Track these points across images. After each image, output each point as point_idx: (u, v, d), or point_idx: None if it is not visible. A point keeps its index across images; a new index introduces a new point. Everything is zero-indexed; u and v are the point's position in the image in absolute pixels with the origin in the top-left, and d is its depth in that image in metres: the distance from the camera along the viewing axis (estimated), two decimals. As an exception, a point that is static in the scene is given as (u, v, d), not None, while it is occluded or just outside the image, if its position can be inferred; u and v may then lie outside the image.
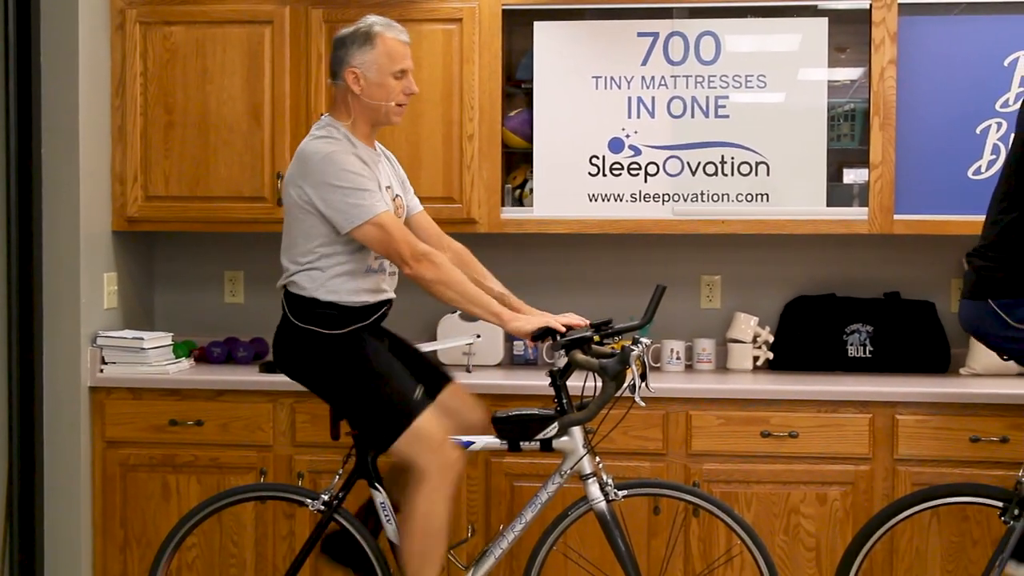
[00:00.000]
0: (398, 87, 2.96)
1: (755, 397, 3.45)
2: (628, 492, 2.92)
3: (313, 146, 2.91)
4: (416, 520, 2.86)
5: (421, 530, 2.86)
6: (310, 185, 2.87)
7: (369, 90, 2.95)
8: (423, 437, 2.85)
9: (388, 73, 2.94)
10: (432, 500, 2.85)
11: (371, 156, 2.99)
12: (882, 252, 3.95)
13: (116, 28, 3.80)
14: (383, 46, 2.93)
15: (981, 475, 3.30)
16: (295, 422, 3.57)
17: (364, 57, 2.94)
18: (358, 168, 2.86)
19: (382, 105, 2.95)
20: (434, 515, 2.86)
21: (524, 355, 4.03)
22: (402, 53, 2.96)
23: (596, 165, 3.74)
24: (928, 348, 3.83)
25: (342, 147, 2.89)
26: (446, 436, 2.90)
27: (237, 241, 4.16)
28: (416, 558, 2.88)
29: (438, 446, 2.86)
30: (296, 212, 2.93)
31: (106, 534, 3.66)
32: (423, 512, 2.85)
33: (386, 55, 2.93)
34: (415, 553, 2.88)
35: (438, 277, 2.85)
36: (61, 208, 3.60)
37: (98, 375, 3.65)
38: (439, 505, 2.86)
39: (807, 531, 3.43)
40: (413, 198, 3.21)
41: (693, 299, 4.05)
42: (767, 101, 3.69)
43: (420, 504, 2.85)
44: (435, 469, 2.84)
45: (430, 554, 2.88)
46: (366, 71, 2.94)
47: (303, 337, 2.94)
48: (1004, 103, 3.61)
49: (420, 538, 2.87)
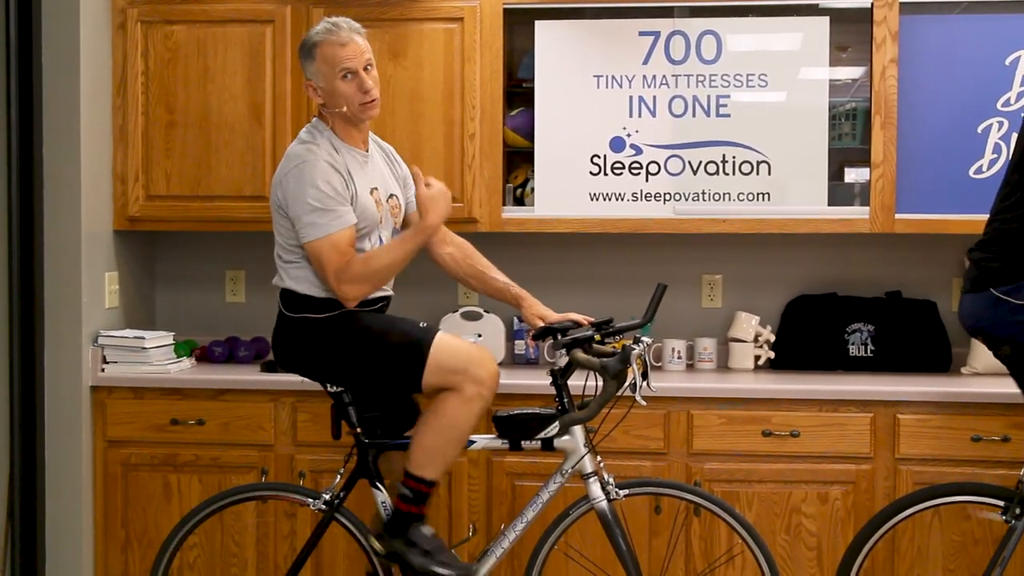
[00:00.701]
0: (351, 88, 2.92)
1: (756, 396, 3.45)
2: (629, 491, 2.92)
3: (294, 151, 2.93)
4: (438, 418, 2.84)
5: (437, 428, 2.84)
6: (280, 190, 2.91)
7: (327, 98, 2.95)
8: (448, 357, 2.84)
9: (334, 78, 2.91)
10: (460, 409, 2.83)
11: (355, 159, 2.97)
12: (883, 251, 3.95)
13: (117, 27, 3.80)
14: (320, 54, 2.92)
15: (982, 474, 3.30)
16: (296, 421, 3.57)
17: (310, 68, 2.96)
18: (323, 184, 2.84)
19: (344, 110, 2.94)
20: (459, 422, 2.84)
21: (525, 354, 4.03)
22: (340, 55, 2.91)
23: (597, 164, 3.74)
24: (929, 347, 3.83)
25: (318, 155, 2.88)
26: (471, 349, 2.89)
27: (238, 240, 4.16)
28: (425, 451, 2.85)
29: (467, 360, 2.84)
30: (278, 213, 2.96)
31: (107, 534, 3.66)
32: (448, 416, 2.83)
33: (324, 62, 2.92)
34: (427, 446, 2.85)
35: (360, 277, 2.83)
36: (62, 207, 3.60)
37: (99, 374, 3.65)
38: (466, 414, 2.83)
39: (808, 530, 3.43)
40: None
41: (694, 298, 4.05)
42: (768, 100, 3.69)
43: (448, 408, 2.83)
44: (471, 380, 2.82)
45: (441, 453, 2.85)
46: (317, 81, 2.95)
47: (298, 327, 2.94)
48: (1005, 102, 3.61)
49: (435, 434, 2.85)
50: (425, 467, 2.85)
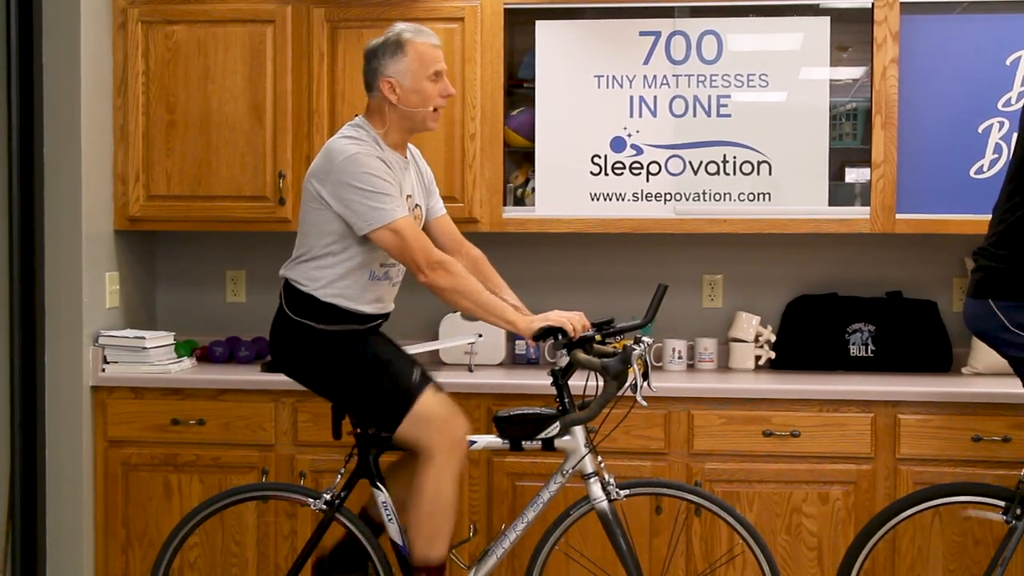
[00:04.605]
0: (435, 91, 2.95)
1: (757, 396, 3.45)
2: (630, 491, 2.92)
3: (339, 144, 2.91)
4: (424, 501, 2.86)
5: (428, 511, 2.86)
6: (330, 183, 2.87)
7: (406, 97, 2.94)
8: (426, 418, 2.86)
9: (423, 78, 2.93)
10: (439, 480, 2.85)
11: (398, 162, 2.98)
12: (884, 251, 3.95)
13: (118, 27, 3.80)
14: (414, 51, 2.93)
15: (983, 475, 3.30)
16: (297, 421, 3.57)
17: (398, 66, 2.94)
18: (380, 171, 2.86)
19: (419, 111, 2.95)
20: (442, 495, 2.86)
21: (526, 354, 4.03)
22: (434, 56, 2.95)
23: (598, 164, 3.74)
24: (930, 347, 3.83)
25: (367, 149, 2.89)
26: (450, 414, 2.90)
27: (239, 240, 4.16)
28: (424, 539, 2.88)
29: (443, 425, 2.86)
30: (311, 203, 2.94)
31: (108, 533, 3.66)
32: (431, 492, 2.85)
33: (418, 60, 2.93)
34: (423, 534, 2.88)
35: (453, 286, 2.85)
36: (63, 207, 3.60)
37: (100, 374, 3.65)
38: (446, 484, 2.86)
39: (809, 530, 3.43)
40: (437, 201, 3.21)
41: (695, 298, 4.05)
42: (769, 100, 3.69)
43: (428, 484, 2.85)
44: (441, 448, 2.85)
45: (438, 533, 2.88)
46: (401, 79, 2.94)
47: (297, 331, 2.94)
48: (1006, 102, 3.60)
49: (428, 519, 2.87)
50: (430, 550, 2.89)
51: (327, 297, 2.93)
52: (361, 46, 3.08)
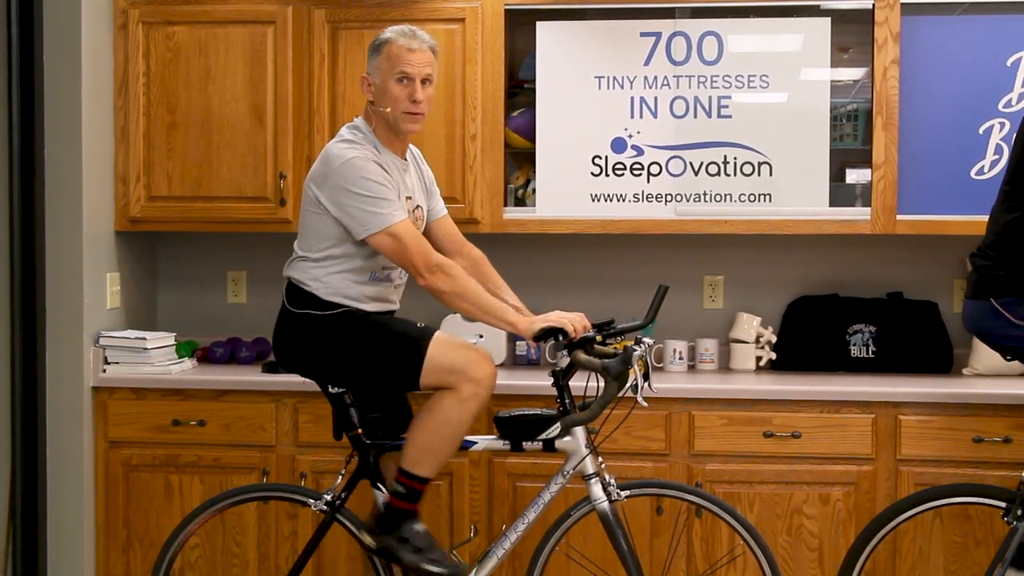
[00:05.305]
0: (402, 93, 2.91)
1: (758, 397, 3.45)
2: (631, 492, 2.92)
3: (336, 148, 2.91)
4: (433, 416, 2.84)
5: (432, 426, 2.84)
6: (327, 188, 2.88)
7: (377, 97, 2.95)
8: (442, 360, 2.83)
9: (390, 78, 2.92)
10: (454, 407, 2.82)
11: (395, 164, 2.98)
12: (885, 252, 3.95)
13: (119, 28, 3.80)
14: (387, 51, 2.93)
15: (984, 475, 3.30)
16: (298, 422, 3.57)
17: (373, 63, 2.96)
18: (377, 175, 2.85)
19: (388, 112, 2.93)
20: (454, 420, 2.83)
21: (527, 355, 4.03)
22: (404, 58, 2.91)
23: (599, 165, 3.74)
24: (931, 348, 3.83)
25: (364, 152, 2.88)
26: (468, 349, 2.88)
27: (240, 241, 4.16)
28: (419, 448, 2.85)
29: (462, 363, 2.83)
30: (310, 207, 2.94)
31: (109, 534, 3.66)
32: (444, 414, 2.82)
33: (388, 60, 2.92)
34: (421, 443, 2.85)
35: (452, 288, 2.84)
36: (64, 208, 3.60)
37: (101, 375, 3.65)
38: (459, 413, 2.83)
39: (810, 531, 3.43)
40: (438, 202, 3.21)
41: (696, 299, 4.05)
42: (770, 101, 3.69)
43: (443, 406, 2.83)
44: (465, 383, 2.81)
45: (435, 450, 2.85)
46: (374, 77, 2.96)
47: (299, 323, 2.94)
48: (1007, 103, 3.60)
49: (430, 431, 2.84)
50: (419, 464, 2.85)
51: (329, 296, 2.93)
52: (362, 47, 3.09)
